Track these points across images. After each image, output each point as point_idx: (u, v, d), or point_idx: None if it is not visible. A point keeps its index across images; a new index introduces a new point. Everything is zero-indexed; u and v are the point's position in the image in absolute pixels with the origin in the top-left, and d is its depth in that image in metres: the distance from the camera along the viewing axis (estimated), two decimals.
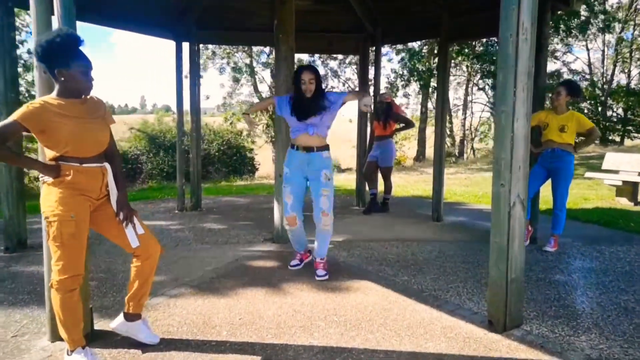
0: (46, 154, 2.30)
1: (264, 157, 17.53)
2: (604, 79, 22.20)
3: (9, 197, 4.46)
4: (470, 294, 3.41)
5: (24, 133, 2.21)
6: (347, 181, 10.88)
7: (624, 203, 7.34)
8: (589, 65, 22.62)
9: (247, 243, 4.83)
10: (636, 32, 20.92)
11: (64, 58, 2.20)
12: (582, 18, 16.36)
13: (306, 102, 3.59)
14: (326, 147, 3.73)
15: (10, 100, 4.34)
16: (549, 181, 4.61)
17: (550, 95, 4.61)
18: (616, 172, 7.59)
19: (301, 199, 3.82)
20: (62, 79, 2.24)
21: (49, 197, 2.26)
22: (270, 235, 5.00)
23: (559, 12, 11.14)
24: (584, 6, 16.24)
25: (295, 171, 3.74)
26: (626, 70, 22.35)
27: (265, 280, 3.69)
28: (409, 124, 6.64)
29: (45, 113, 2.19)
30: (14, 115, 2.14)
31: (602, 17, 17.91)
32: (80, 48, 2.27)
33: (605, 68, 22.33)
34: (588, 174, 8.11)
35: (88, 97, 2.38)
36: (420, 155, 18.99)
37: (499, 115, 2.70)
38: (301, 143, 3.68)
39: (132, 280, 2.54)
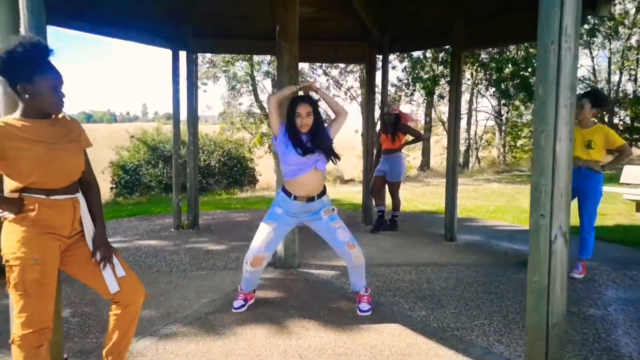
0: (7, 185, 1.93)
1: (265, 167, 17.16)
2: (610, 87, 21.89)
3: None
4: (498, 333, 3.03)
5: None
6: (351, 194, 10.50)
7: None
8: (594, 72, 22.33)
9: None
10: None
11: (27, 71, 1.84)
12: (591, 25, 16.10)
13: (305, 138, 3.14)
14: (324, 189, 3.30)
15: None
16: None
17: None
18: (636, 185, 7.24)
19: (279, 241, 3.39)
20: (26, 95, 1.88)
21: (10, 236, 1.89)
22: (272, 259, 4.62)
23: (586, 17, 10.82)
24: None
25: (288, 213, 3.27)
26: (632, 78, 22.07)
27: (267, 315, 3.31)
28: (419, 137, 6.28)
29: (5, 137, 1.83)
30: None
31: (609, 24, 17.66)
32: (50, 59, 1.92)
33: (611, 76, 22.03)
34: (607, 189, 7.72)
35: (59, 116, 2.02)
36: (424, 166, 18.62)
37: (538, 136, 2.33)
38: (302, 192, 3.16)
39: (110, 330, 2.16)
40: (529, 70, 16.29)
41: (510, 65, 16.29)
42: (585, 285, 3.97)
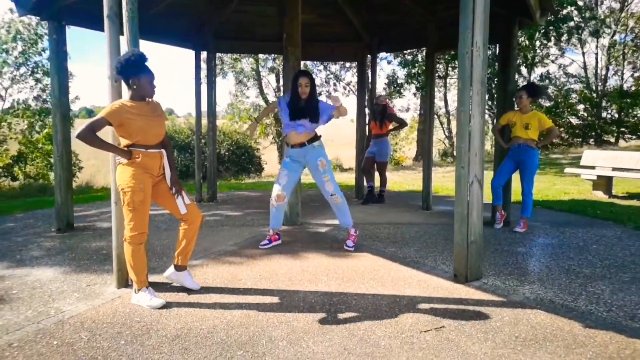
0: (121, 142, 3.12)
1: (270, 157, 18.38)
2: (598, 81, 22.93)
3: (60, 186, 5.28)
4: (444, 260, 4.22)
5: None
6: (348, 179, 11.70)
7: (599, 196, 8.11)
8: (584, 68, 23.36)
9: (261, 225, 5.64)
10: (628, 36, 21.64)
11: (136, 71, 3.02)
12: (574, 23, 17.16)
13: (301, 104, 4.31)
14: (315, 138, 4.41)
15: (63, 103, 5.18)
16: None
17: (513, 99, 5.41)
18: (593, 167, 8.37)
19: (293, 183, 4.52)
20: (134, 87, 3.06)
21: (124, 174, 3.08)
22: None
23: (525, 26, 11.89)
24: (575, 12, 17.05)
25: (294, 160, 4.45)
26: (619, 73, 23.09)
27: (278, 250, 4.51)
28: (402, 124, 7.45)
29: (123, 111, 3.01)
30: (102, 113, 2.97)
31: (592, 22, 18.69)
32: (146, 63, 3.10)
33: (599, 71, 23.07)
34: (567, 170, 8.89)
35: (151, 100, 3.20)
36: (419, 156, 19.76)
37: (460, 114, 3.51)
38: (292, 141, 4.38)
39: (180, 239, 3.36)
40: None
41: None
42: (523, 236, 5.14)
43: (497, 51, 6.41)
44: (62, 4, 4.96)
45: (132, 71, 3.02)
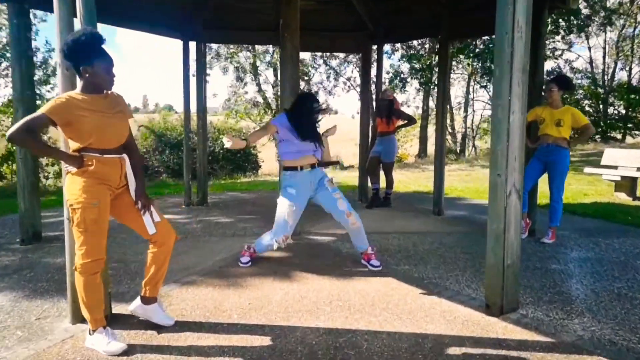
0: (70, 146, 2.46)
1: (267, 155, 17.70)
2: (606, 77, 22.29)
3: (24, 191, 4.62)
4: (469, 281, 3.56)
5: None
6: (350, 178, 11.02)
7: (622, 198, 7.47)
8: (591, 63, 22.72)
9: (254, 235, 4.98)
10: (638, 29, 20.98)
11: (88, 56, 2.36)
12: (583, 15, 16.49)
13: (314, 127, 3.79)
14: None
15: (27, 97, 4.50)
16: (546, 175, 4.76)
17: (542, 92, 4.76)
18: (615, 167, 7.72)
19: (298, 218, 3.85)
20: (87, 75, 2.39)
21: (73, 185, 2.42)
22: None
23: (556, 10, 11.25)
24: (584, 3, 16.37)
25: (303, 191, 3.75)
26: (627, 68, 22.45)
27: (272, 268, 3.85)
28: (411, 121, 6.78)
29: (70, 107, 2.34)
30: (43, 109, 2.30)
31: (602, 13, 18.03)
32: (103, 46, 2.43)
33: (606, 66, 22.42)
34: (587, 170, 8.23)
35: (109, 92, 2.54)
36: (422, 153, 19.13)
37: (496, 109, 2.85)
38: (306, 162, 3.75)
39: (148, 265, 2.70)
40: None
41: None
42: (553, 248, 4.50)
43: None
44: None
45: (83, 56, 2.36)
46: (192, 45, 6.69)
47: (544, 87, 4.75)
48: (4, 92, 16.34)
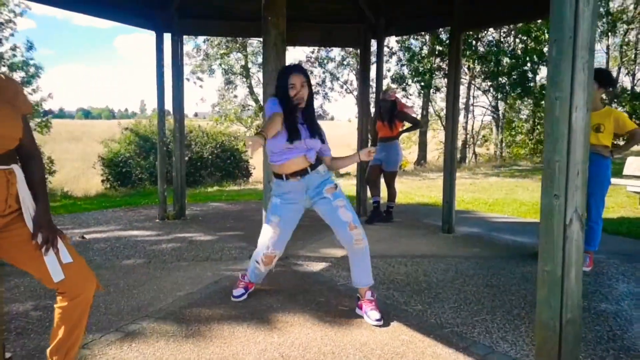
0: None
1: (259, 160, 16.88)
2: None
3: None
4: (502, 330, 2.74)
5: None
6: (346, 187, 10.19)
7: None
8: None
9: (232, 260, 4.15)
10: None
11: None
12: None
13: (297, 117, 2.83)
14: (318, 161, 2.92)
15: None
16: None
17: None
18: (638, 177, 6.96)
19: (288, 235, 3.00)
20: None
21: None
22: None
23: None
24: None
25: (288, 202, 2.93)
26: (631, 73, 21.86)
27: (248, 309, 3.02)
28: (416, 124, 5.99)
29: None
30: None
31: (605, 19, 17.41)
32: None
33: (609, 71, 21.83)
34: (614, 180, 7.45)
35: None
36: (421, 160, 18.34)
37: (552, 103, 2.03)
38: (291, 170, 2.84)
39: (55, 326, 1.86)
40: (528, 64, 16.00)
41: (508, 59, 16.00)
42: (594, 279, 3.69)
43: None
44: None
45: None
46: (168, 37, 5.89)
47: None
48: None
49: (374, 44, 6.65)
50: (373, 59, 7.23)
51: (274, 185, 3.01)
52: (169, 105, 6.14)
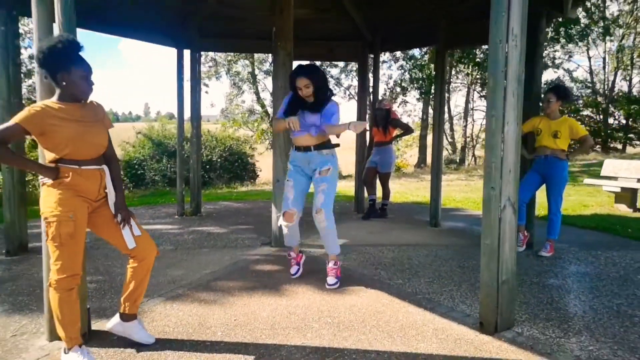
0: (46, 157, 2.36)
1: (266, 163, 17.60)
2: (606, 87, 22.26)
3: (11, 201, 4.52)
4: (463, 297, 3.45)
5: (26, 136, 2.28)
6: (347, 188, 10.91)
7: (623, 210, 7.35)
8: (590, 73, 22.70)
9: (246, 247, 4.88)
10: (637, 40, 20.98)
11: (65, 63, 2.27)
12: (582, 25, 16.47)
13: (308, 106, 3.62)
14: (326, 145, 3.68)
15: (14, 104, 4.41)
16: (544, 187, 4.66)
17: (541, 103, 4.68)
18: (615, 178, 7.61)
19: (302, 197, 3.77)
20: (64, 83, 2.31)
21: (49, 198, 2.32)
22: (268, 240, 5.05)
23: (554, 20, 11.23)
24: (583, 13, 16.36)
25: (297, 168, 3.76)
26: (627, 78, 22.43)
27: (262, 282, 3.74)
28: (408, 130, 6.70)
29: (45, 116, 2.25)
30: (16, 118, 2.21)
31: (602, 23, 18.02)
32: (80, 53, 2.34)
33: (606, 76, 22.40)
34: (587, 181, 8.13)
35: (87, 101, 2.45)
36: (421, 163, 19.03)
37: (490, 120, 2.76)
38: (299, 143, 3.70)
39: (127, 281, 2.60)
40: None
41: None
42: (551, 262, 4.38)
43: None
44: None
45: (59, 63, 2.27)
46: (187, 53, 6.64)
47: (542, 97, 4.67)
48: None
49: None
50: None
51: (290, 155, 3.84)
52: (185, 113, 6.86)
